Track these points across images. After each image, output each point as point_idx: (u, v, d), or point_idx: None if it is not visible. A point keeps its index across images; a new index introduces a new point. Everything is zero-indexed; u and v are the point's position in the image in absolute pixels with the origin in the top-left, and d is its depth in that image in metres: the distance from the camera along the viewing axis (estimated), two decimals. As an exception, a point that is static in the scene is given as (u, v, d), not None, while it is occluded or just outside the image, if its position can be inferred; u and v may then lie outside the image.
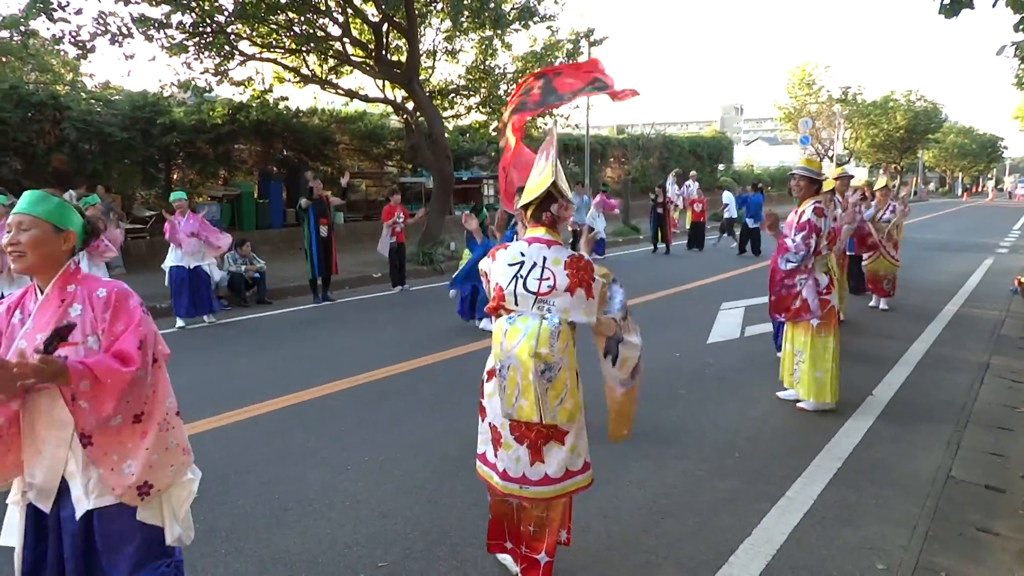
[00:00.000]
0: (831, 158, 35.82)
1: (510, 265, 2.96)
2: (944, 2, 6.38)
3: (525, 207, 3.06)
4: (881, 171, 22.87)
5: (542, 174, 3.01)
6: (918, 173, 54.71)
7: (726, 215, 19.21)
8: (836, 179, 8.78)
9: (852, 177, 9.69)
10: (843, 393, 5.97)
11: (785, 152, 60.67)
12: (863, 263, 9.75)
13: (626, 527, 3.79)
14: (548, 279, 2.89)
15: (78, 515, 2.28)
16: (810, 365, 5.60)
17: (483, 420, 3.10)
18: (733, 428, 5.29)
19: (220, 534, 3.73)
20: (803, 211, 5.52)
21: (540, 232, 3.01)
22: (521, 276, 2.93)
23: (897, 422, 5.40)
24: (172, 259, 9.19)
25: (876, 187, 10.25)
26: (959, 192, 67.85)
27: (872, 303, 9.90)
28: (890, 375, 6.64)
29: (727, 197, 19.33)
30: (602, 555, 3.51)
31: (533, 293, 2.89)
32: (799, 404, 5.73)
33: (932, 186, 67.43)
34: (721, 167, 37.42)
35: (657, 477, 4.41)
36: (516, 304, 2.93)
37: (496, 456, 3.03)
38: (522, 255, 2.96)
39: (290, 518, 3.91)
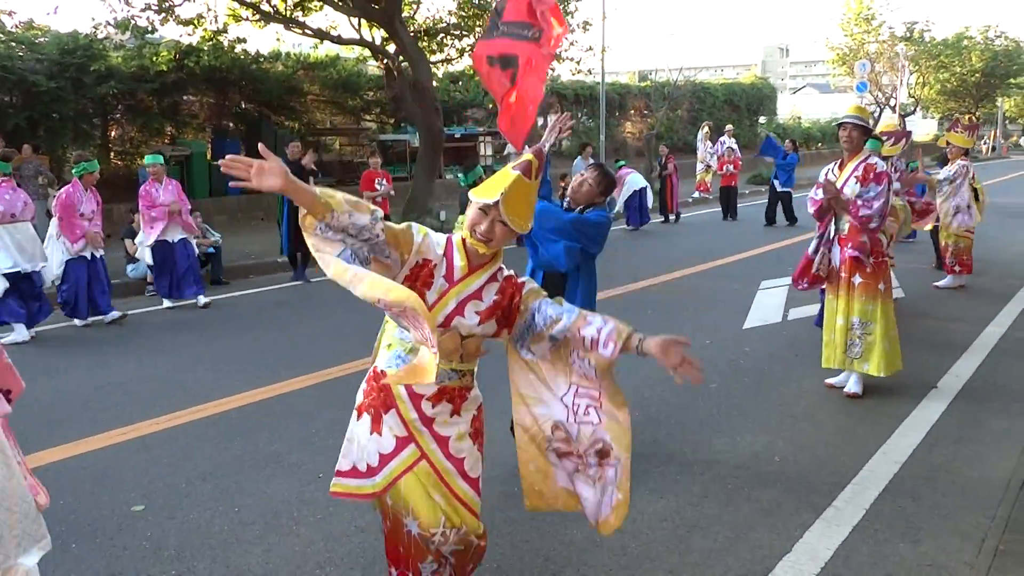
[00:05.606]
0: (893, 108, 35.66)
1: None
2: None
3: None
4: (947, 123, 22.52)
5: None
6: (997, 125, 54.36)
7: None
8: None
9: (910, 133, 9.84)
10: (902, 385, 6.00)
11: (839, 101, 60.27)
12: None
13: (645, 542, 3.83)
14: None
15: None
16: (883, 333, 5.69)
17: None
18: (773, 428, 5.33)
19: (169, 553, 3.79)
20: (873, 163, 5.64)
21: None
22: None
23: (965, 419, 5.43)
24: (148, 236, 9.24)
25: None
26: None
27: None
28: (958, 364, 6.66)
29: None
30: (617, 574, 3.56)
31: None
32: (848, 390, 5.83)
33: (1016, 139, 66.95)
34: (763, 120, 37.30)
35: (682, 485, 4.46)
36: None
37: None
38: None
39: (252, 534, 3.96)
